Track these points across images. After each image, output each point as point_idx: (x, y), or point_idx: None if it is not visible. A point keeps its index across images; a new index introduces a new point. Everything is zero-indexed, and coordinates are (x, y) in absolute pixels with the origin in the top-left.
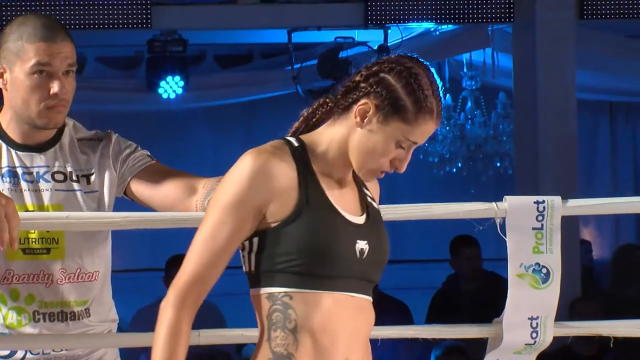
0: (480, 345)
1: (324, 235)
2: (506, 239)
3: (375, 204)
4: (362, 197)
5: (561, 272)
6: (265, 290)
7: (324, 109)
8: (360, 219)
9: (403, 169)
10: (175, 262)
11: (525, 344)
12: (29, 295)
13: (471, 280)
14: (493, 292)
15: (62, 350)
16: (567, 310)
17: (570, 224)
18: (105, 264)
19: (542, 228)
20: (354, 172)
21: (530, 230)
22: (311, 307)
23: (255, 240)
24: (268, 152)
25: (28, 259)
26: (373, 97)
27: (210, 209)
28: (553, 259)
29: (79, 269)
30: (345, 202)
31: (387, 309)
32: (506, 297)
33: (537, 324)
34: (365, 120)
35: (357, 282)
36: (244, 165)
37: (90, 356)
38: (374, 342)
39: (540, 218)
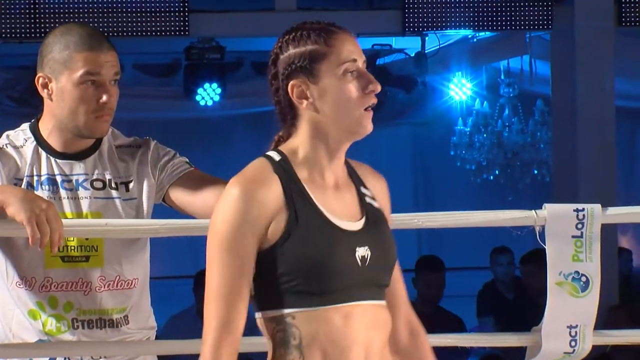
0: (519, 354)
1: (317, 251)
2: (545, 247)
3: (375, 204)
4: (361, 198)
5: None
6: (267, 314)
7: (285, 133)
8: (359, 224)
9: (377, 86)
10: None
11: (564, 353)
12: (67, 302)
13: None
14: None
15: (100, 357)
16: (605, 319)
17: (608, 232)
18: (144, 271)
19: (581, 236)
20: (349, 172)
21: (570, 239)
22: (316, 324)
23: None
24: (251, 180)
25: (67, 266)
26: (291, 78)
27: (210, 251)
28: (592, 267)
29: (118, 277)
30: (340, 208)
31: (443, 323)
32: (545, 305)
33: (576, 332)
34: (309, 96)
35: (364, 289)
36: (232, 198)
37: None
38: None
39: (579, 226)
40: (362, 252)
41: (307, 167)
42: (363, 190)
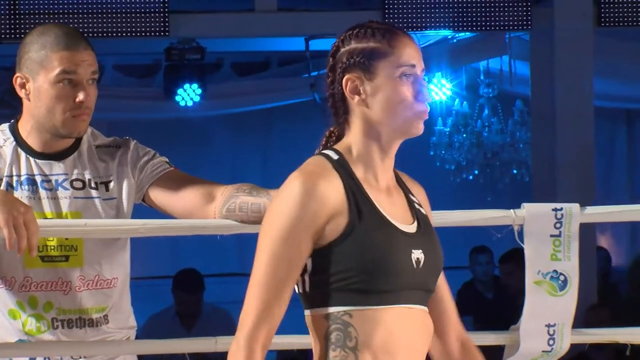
0: (497, 353)
1: (379, 250)
2: (524, 247)
3: (422, 210)
4: (410, 203)
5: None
6: (322, 311)
7: (337, 129)
8: (412, 227)
9: (428, 96)
10: (184, 276)
11: (542, 351)
12: (47, 302)
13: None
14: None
15: (80, 357)
16: (583, 318)
17: (586, 232)
18: (124, 270)
19: (560, 235)
20: (397, 179)
21: (548, 238)
22: (372, 324)
23: (309, 260)
24: (314, 174)
25: (46, 266)
26: (347, 72)
27: (264, 240)
28: (571, 266)
29: (97, 276)
30: (395, 211)
31: None
32: (523, 304)
33: (554, 331)
34: (361, 92)
35: (416, 292)
36: (293, 191)
37: None
38: None
39: (558, 225)
40: (417, 254)
41: (363, 167)
42: (411, 197)
